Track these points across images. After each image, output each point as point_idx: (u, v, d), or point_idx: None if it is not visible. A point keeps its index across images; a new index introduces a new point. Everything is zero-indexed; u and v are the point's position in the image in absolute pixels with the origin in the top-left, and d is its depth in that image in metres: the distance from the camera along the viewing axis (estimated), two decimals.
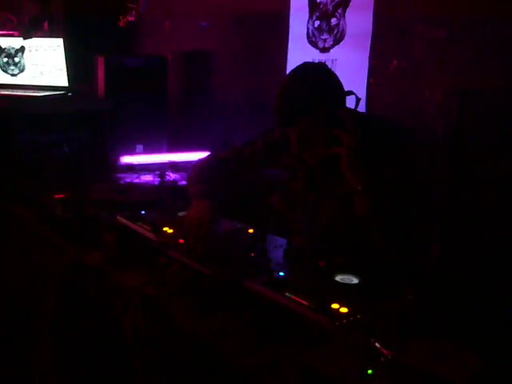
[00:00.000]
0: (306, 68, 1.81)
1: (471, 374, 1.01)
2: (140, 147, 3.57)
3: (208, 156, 2.15)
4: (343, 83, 1.77)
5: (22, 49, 2.91)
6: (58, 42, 3.33)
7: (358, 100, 1.74)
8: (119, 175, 3.20)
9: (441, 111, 2.47)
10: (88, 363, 1.90)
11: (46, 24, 2.67)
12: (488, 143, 2.31)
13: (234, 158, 2.06)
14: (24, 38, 2.67)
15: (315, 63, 1.80)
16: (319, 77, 1.73)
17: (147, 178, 3.23)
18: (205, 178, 2.00)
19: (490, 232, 2.27)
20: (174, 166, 3.47)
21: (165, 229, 1.86)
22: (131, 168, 3.35)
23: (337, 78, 1.75)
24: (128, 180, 3.14)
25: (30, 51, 3.39)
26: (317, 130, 1.70)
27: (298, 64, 1.84)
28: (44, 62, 3.44)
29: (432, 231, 2.10)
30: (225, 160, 2.07)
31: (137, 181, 3.14)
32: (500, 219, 2.25)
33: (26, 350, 2.35)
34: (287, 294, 1.39)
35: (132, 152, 3.47)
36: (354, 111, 1.76)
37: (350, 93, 1.77)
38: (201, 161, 2.15)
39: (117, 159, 3.31)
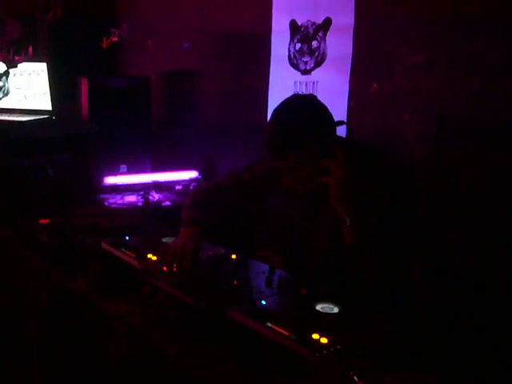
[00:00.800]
0: (295, 100, 1.83)
1: None
2: (124, 167, 3.58)
3: (207, 183, 2.14)
4: (324, 105, 1.80)
5: (6, 73, 2.92)
6: (42, 67, 3.35)
7: (348, 129, 1.77)
8: (103, 196, 3.22)
9: (419, 135, 2.52)
10: None
11: (30, 48, 2.69)
12: (465, 165, 2.37)
13: (232, 185, 2.07)
14: (9, 67, 2.70)
15: (305, 95, 1.83)
16: (309, 109, 1.75)
17: (131, 198, 3.25)
18: (199, 204, 2.01)
19: (470, 251, 2.32)
20: (157, 186, 3.49)
21: (149, 256, 1.87)
22: (115, 188, 3.37)
23: (326, 109, 1.77)
24: (112, 201, 3.16)
25: (15, 75, 3.39)
26: (308, 161, 1.72)
27: (279, 85, 1.87)
28: (28, 87, 3.46)
29: (413, 255, 2.13)
30: (223, 186, 2.08)
31: (121, 202, 3.16)
32: (479, 241, 2.30)
33: (9, 378, 2.35)
34: (269, 323, 1.41)
35: (116, 172, 3.49)
36: (344, 141, 1.79)
37: (341, 123, 1.80)
38: (199, 187, 2.15)
39: (101, 180, 3.33)
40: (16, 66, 2.73)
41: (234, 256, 1.92)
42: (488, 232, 2.26)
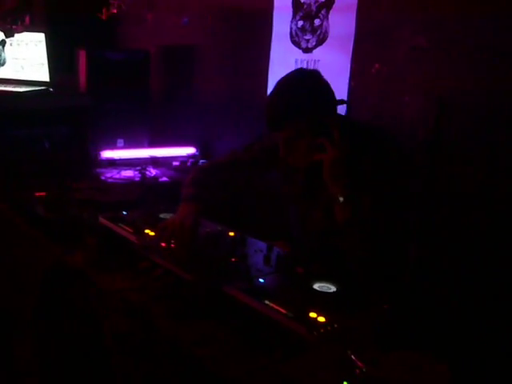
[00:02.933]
0: (298, 74, 1.84)
1: None
2: (121, 141, 3.56)
3: (208, 161, 2.14)
4: (327, 81, 1.79)
5: (3, 42, 2.88)
6: (40, 37, 3.31)
7: (348, 108, 1.77)
8: (100, 170, 3.20)
9: (420, 116, 2.51)
10: (68, 367, 1.91)
11: (27, 18, 2.65)
12: (465, 148, 2.36)
13: (232, 164, 2.06)
14: (6, 36, 2.66)
15: (309, 70, 1.83)
16: (311, 84, 1.75)
17: (128, 173, 3.23)
18: (199, 181, 2.00)
19: (468, 234, 2.33)
20: (154, 162, 3.48)
21: (146, 231, 1.87)
22: (112, 163, 3.35)
23: (329, 86, 1.77)
24: (108, 175, 3.14)
25: (11, 45, 3.35)
26: (303, 136, 1.72)
27: (280, 63, 1.85)
28: (25, 57, 3.41)
29: (409, 236, 2.14)
30: (223, 165, 2.08)
31: (117, 176, 3.15)
32: (477, 223, 2.31)
33: (4, 351, 2.35)
34: (266, 301, 1.42)
35: (113, 146, 3.47)
36: (344, 119, 1.78)
37: (342, 102, 1.79)
38: (199, 166, 2.15)
39: (98, 154, 3.31)
40: (13, 36, 2.69)
41: (231, 233, 1.92)
42: (487, 214, 2.27)
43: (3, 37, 2.70)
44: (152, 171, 3.28)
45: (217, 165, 2.09)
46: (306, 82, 1.76)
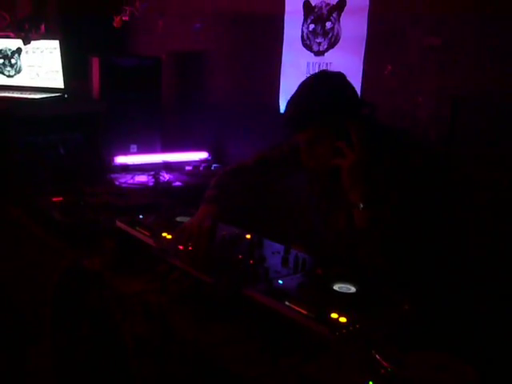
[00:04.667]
0: (323, 75, 1.82)
1: None
2: (134, 147, 3.58)
3: (234, 164, 2.11)
4: (352, 85, 1.78)
5: (19, 50, 2.90)
6: (55, 44, 3.33)
7: (373, 110, 1.75)
8: (114, 176, 3.23)
9: (433, 117, 2.50)
10: (85, 370, 1.91)
11: (43, 26, 2.67)
12: (479, 148, 2.35)
13: (260, 164, 2.03)
14: (24, 44, 2.69)
15: (333, 72, 1.81)
16: (335, 85, 1.74)
17: (141, 178, 3.25)
18: (222, 183, 1.99)
19: (485, 236, 2.31)
20: (167, 167, 3.49)
21: (163, 234, 1.87)
22: (125, 168, 3.38)
23: (353, 89, 1.76)
24: (122, 180, 3.16)
25: (27, 53, 3.39)
26: (325, 139, 1.71)
27: (291, 66, 1.83)
28: (40, 64, 3.44)
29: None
30: (250, 167, 2.05)
31: (131, 181, 3.17)
32: (492, 222, 2.30)
33: (21, 356, 2.36)
34: (287, 302, 1.41)
35: (126, 152, 3.49)
36: (367, 121, 1.75)
37: (366, 104, 1.77)
38: (226, 168, 2.12)
39: (111, 159, 3.33)
40: (30, 43, 2.71)
41: (248, 236, 1.92)
42: (502, 215, 2.26)
43: (19, 44, 2.73)
44: (165, 176, 3.29)
45: (243, 166, 2.06)
46: (331, 82, 1.75)
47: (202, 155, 3.64)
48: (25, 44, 2.72)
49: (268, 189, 2.15)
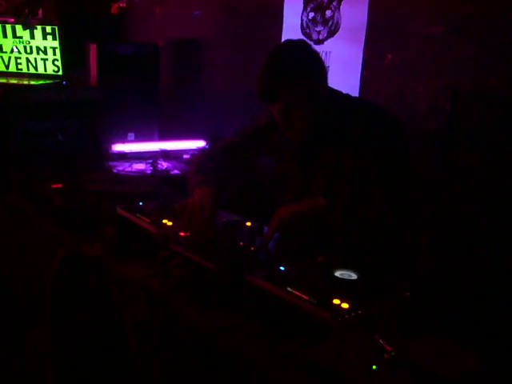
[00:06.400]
0: (287, 44, 1.85)
1: (470, 372, 1.06)
2: (132, 135, 3.57)
3: (205, 149, 2.16)
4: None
5: (17, 36, 2.87)
6: (53, 31, 3.31)
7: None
8: (112, 163, 3.21)
9: (433, 107, 2.51)
10: (86, 357, 1.91)
11: (40, 11, 2.65)
12: (478, 139, 2.36)
13: (227, 148, 2.08)
14: (24, 29, 2.67)
15: (298, 40, 1.83)
16: (301, 52, 1.76)
17: (139, 166, 3.24)
18: (203, 167, 2.02)
19: (483, 227, 2.33)
20: (165, 155, 3.48)
21: (164, 221, 1.88)
22: (123, 156, 3.36)
23: (318, 55, 1.79)
24: (120, 168, 3.15)
25: (25, 38, 3.34)
26: (299, 106, 1.73)
27: None
28: (38, 50, 3.41)
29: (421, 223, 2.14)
30: (219, 150, 2.09)
31: (129, 169, 3.16)
32: (487, 213, 2.31)
33: (22, 342, 2.36)
34: (289, 288, 1.42)
35: (124, 140, 3.48)
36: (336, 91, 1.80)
37: None
38: (197, 154, 2.16)
39: (109, 147, 3.32)
40: (29, 27, 2.69)
41: (248, 223, 1.92)
42: (499, 206, 2.27)
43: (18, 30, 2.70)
44: (163, 164, 3.28)
45: (214, 151, 2.11)
46: (296, 50, 1.78)
47: (199, 143, 3.62)
48: (24, 29, 2.70)
49: (264, 175, 2.16)
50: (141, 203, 2.06)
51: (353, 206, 1.70)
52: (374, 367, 1.09)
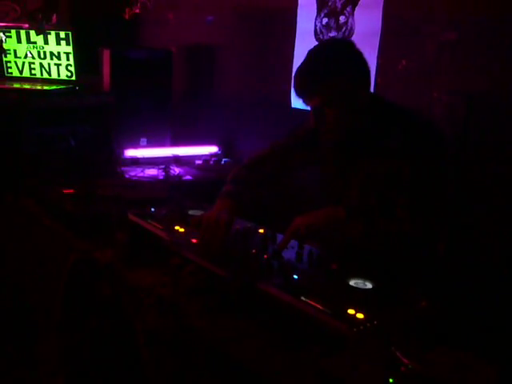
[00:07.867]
0: (330, 42, 1.82)
1: None
2: (144, 140, 3.57)
3: (249, 159, 2.09)
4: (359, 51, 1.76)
5: (31, 42, 2.88)
6: (66, 36, 3.32)
7: None
8: (124, 169, 3.22)
9: (448, 113, 2.48)
10: (96, 364, 1.90)
11: (54, 17, 2.66)
12: (493, 145, 2.33)
13: (273, 154, 2.03)
14: (38, 34, 2.68)
15: (341, 38, 1.79)
16: (342, 50, 1.73)
17: (151, 171, 3.24)
18: (238, 178, 1.98)
19: (501, 231, 2.29)
20: (177, 160, 3.48)
21: (176, 227, 1.86)
22: (135, 161, 3.37)
23: (361, 54, 1.73)
24: (132, 173, 3.15)
25: (39, 44, 3.34)
26: (335, 104, 1.68)
27: None
28: (52, 56, 3.42)
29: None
30: (263, 157, 2.04)
31: (141, 174, 3.16)
32: (507, 221, 2.27)
33: (30, 348, 2.35)
34: (303, 298, 1.40)
35: (136, 145, 3.48)
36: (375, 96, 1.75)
37: None
38: (242, 163, 2.10)
39: (121, 152, 3.32)
40: (43, 33, 2.70)
41: (261, 230, 1.90)
42: None
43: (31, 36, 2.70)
44: (175, 170, 3.28)
45: (257, 159, 2.05)
46: (338, 47, 1.75)
47: (211, 149, 3.62)
48: (38, 34, 2.71)
49: (283, 182, 2.13)
50: (153, 209, 2.04)
51: (374, 219, 1.67)
52: (391, 380, 1.06)
